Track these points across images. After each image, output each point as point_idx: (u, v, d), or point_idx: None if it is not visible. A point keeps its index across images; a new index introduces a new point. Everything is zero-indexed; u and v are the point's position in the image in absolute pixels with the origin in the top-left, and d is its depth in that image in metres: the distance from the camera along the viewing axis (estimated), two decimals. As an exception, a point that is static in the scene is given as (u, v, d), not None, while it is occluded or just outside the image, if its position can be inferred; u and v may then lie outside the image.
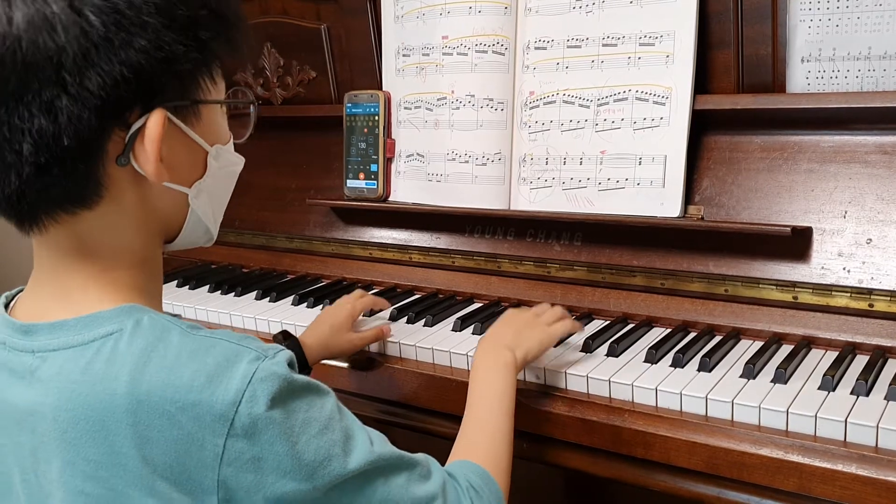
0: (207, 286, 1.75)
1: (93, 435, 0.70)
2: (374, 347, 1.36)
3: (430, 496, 0.81)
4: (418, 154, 1.62)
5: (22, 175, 0.69)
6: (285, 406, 0.71)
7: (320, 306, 1.55)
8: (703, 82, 1.35)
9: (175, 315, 0.78)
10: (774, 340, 1.22)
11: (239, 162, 0.87)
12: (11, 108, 0.67)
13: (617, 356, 1.22)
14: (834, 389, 1.06)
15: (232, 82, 0.84)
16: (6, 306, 0.82)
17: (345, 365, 1.36)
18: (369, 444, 0.78)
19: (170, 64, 0.71)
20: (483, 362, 1.09)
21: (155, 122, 0.71)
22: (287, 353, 0.74)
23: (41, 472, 0.74)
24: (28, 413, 0.73)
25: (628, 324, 1.35)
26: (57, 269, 0.77)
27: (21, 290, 0.83)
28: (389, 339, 1.35)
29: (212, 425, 0.68)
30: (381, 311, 1.45)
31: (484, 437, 1.00)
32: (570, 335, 1.27)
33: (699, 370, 1.14)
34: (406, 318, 1.43)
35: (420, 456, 0.84)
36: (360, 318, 1.38)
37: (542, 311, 1.23)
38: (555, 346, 1.26)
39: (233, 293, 1.69)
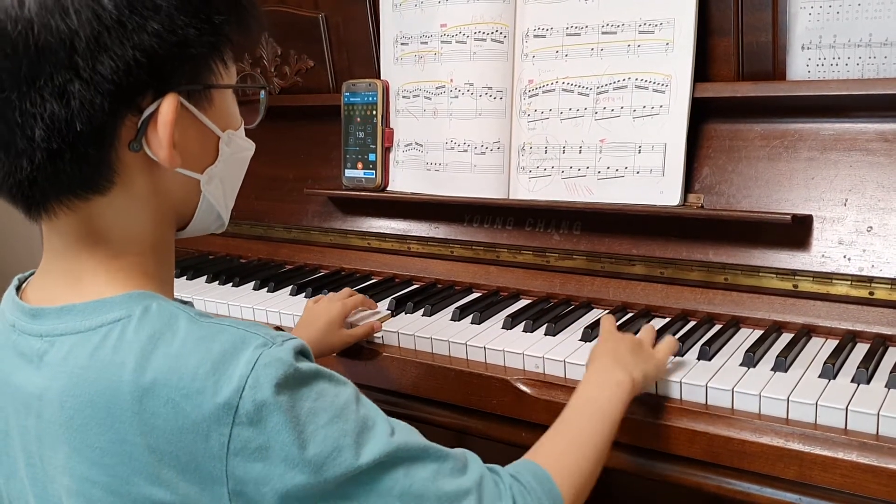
0: (205, 277, 1.74)
1: (99, 422, 0.69)
2: (374, 337, 1.35)
3: (461, 491, 0.75)
4: (417, 143, 1.61)
5: (34, 161, 0.69)
6: (291, 393, 0.69)
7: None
8: (702, 70, 1.34)
9: (186, 302, 0.77)
10: (775, 329, 1.21)
11: (250, 147, 0.86)
12: (23, 93, 0.67)
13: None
14: (834, 377, 1.05)
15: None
16: (17, 289, 0.81)
17: (343, 355, 1.35)
18: (388, 434, 0.73)
19: (183, 48, 0.70)
20: (592, 377, 1.01)
21: (168, 106, 0.71)
22: (297, 342, 0.72)
23: (46, 458, 0.74)
24: (35, 397, 0.73)
25: (628, 313, 1.35)
26: (67, 254, 0.76)
27: (33, 273, 0.82)
28: (389, 329, 1.34)
29: (216, 414, 0.67)
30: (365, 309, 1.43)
31: (563, 446, 0.91)
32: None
33: (699, 359, 1.14)
34: (405, 307, 1.43)
35: (456, 450, 0.79)
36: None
37: (645, 335, 1.14)
38: (553, 336, 1.26)
39: (230, 283, 1.68)
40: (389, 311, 1.42)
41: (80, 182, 0.71)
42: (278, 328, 1.26)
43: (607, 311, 1.36)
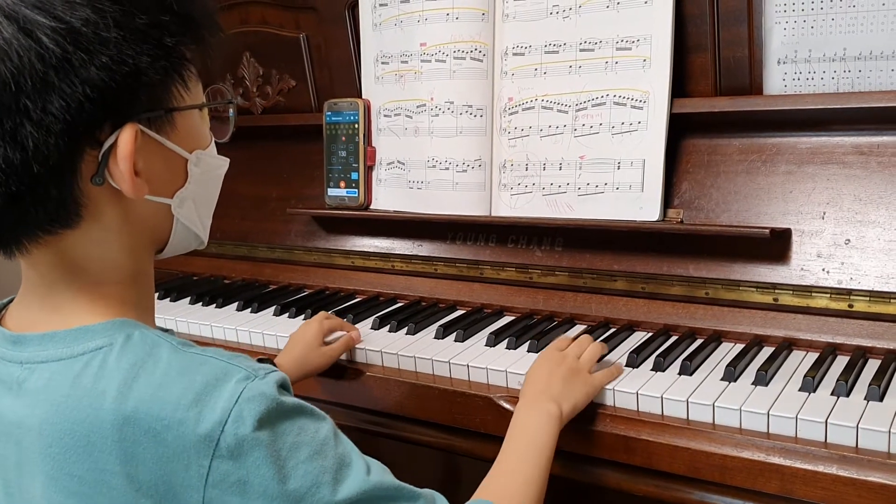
0: (188, 298, 1.74)
1: (77, 451, 0.69)
2: (358, 357, 1.35)
3: None
4: (399, 161, 1.61)
5: None
6: (273, 428, 0.69)
7: (302, 316, 1.54)
8: (680, 86, 1.35)
9: (167, 330, 0.77)
10: (756, 342, 1.22)
11: (222, 164, 0.85)
12: None
13: (598, 361, 1.21)
14: (814, 391, 1.06)
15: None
16: None
17: (326, 375, 1.35)
18: (365, 473, 0.74)
19: (136, 77, 0.68)
20: (525, 409, 1.05)
21: (126, 138, 0.69)
22: (279, 375, 0.72)
23: (24, 487, 0.73)
24: (15, 425, 0.72)
25: (610, 328, 1.35)
26: (45, 285, 0.75)
27: (12, 300, 0.81)
28: (372, 348, 1.34)
29: (197, 445, 0.67)
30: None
31: (504, 479, 0.95)
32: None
33: (681, 374, 1.14)
34: (389, 326, 1.43)
35: (425, 491, 0.81)
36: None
37: (578, 350, 1.15)
38: (536, 353, 1.26)
39: (214, 304, 1.68)
40: (372, 329, 1.42)
41: (46, 220, 0.70)
42: (262, 360, 1.26)
43: (590, 326, 1.36)
